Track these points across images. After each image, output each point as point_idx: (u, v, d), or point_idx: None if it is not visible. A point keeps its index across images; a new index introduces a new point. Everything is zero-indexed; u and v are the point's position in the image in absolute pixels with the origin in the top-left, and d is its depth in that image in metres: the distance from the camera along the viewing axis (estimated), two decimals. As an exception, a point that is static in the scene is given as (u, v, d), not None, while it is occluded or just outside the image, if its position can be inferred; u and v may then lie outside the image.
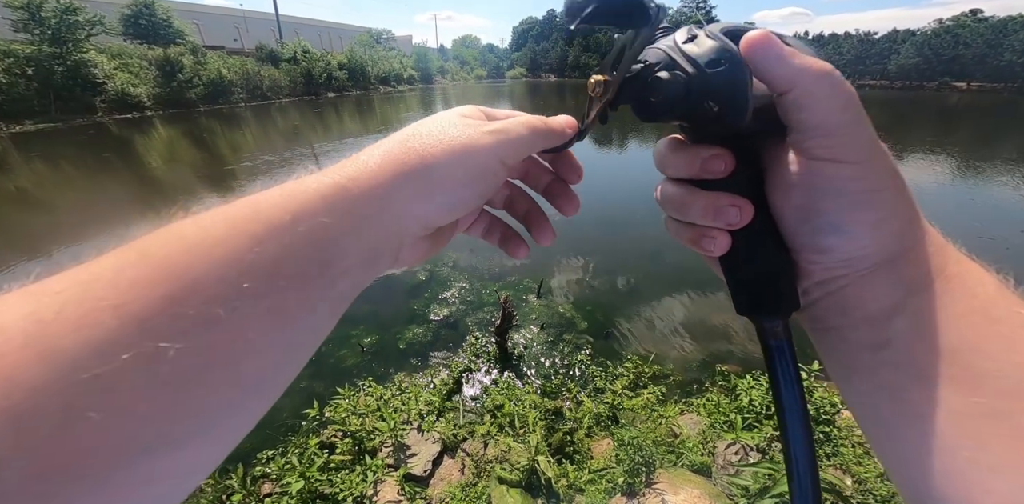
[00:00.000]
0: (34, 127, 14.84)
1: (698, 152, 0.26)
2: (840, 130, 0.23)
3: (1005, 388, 0.20)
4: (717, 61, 0.23)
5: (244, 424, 0.20)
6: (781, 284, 0.26)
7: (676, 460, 2.19)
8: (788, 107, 0.24)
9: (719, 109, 0.24)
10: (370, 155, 0.26)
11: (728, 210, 0.25)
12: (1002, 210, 6.76)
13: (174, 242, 0.19)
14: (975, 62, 42.66)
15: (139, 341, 0.16)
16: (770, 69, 0.23)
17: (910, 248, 0.24)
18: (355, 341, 3.51)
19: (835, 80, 0.23)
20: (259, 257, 0.19)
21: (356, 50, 35.75)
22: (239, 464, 2.27)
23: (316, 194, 0.22)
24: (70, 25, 16.78)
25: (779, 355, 0.26)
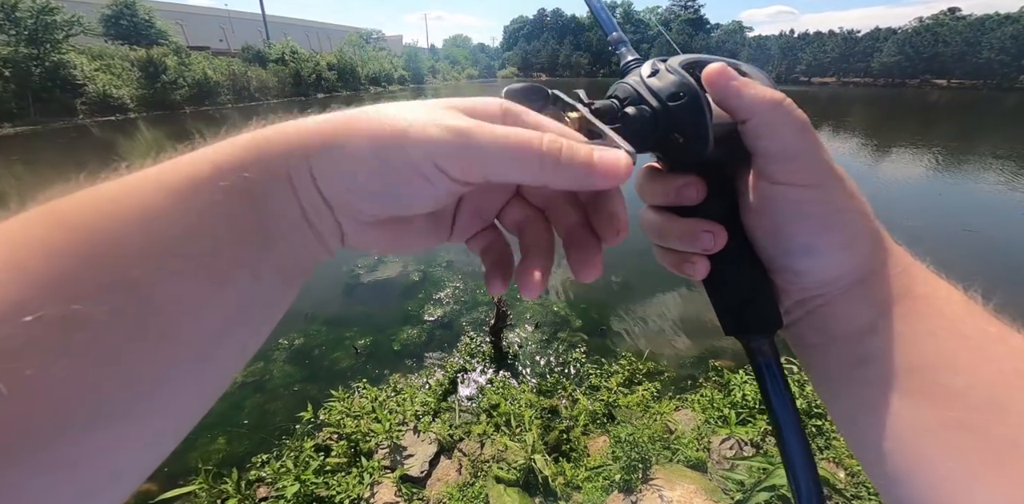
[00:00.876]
0: (12, 130, 14.46)
1: (672, 181, 0.27)
2: (797, 155, 0.24)
3: (976, 402, 0.21)
4: (677, 94, 0.25)
5: (198, 395, 0.19)
6: (762, 305, 0.27)
7: (672, 456, 2.21)
8: (748, 135, 0.25)
9: (684, 140, 0.25)
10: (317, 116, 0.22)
11: (703, 236, 0.26)
12: (983, 203, 6.93)
13: (89, 200, 0.17)
14: (954, 59, 43.66)
15: (46, 303, 0.14)
16: (728, 100, 0.24)
17: (878, 269, 0.25)
18: (349, 343, 3.48)
19: (787, 108, 0.24)
20: (181, 213, 0.18)
21: (345, 50, 35.43)
22: (234, 468, 2.24)
23: (242, 146, 0.20)
24: (47, 25, 16.38)
25: (768, 372, 0.27)
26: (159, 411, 0.17)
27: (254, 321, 0.21)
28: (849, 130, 15.12)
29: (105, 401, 0.15)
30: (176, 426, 0.19)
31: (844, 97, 33.57)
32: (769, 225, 0.26)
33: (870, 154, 11.02)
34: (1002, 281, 4.45)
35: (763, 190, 0.25)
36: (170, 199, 0.18)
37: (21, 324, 0.14)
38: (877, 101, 29.85)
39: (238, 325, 0.20)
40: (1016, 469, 0.19)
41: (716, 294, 0.28)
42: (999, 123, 18.40)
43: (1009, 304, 0.24)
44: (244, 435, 2.62)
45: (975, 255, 5.06)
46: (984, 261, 0.67)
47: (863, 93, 38.78)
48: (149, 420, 0.17)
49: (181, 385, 0.18)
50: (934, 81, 45.95)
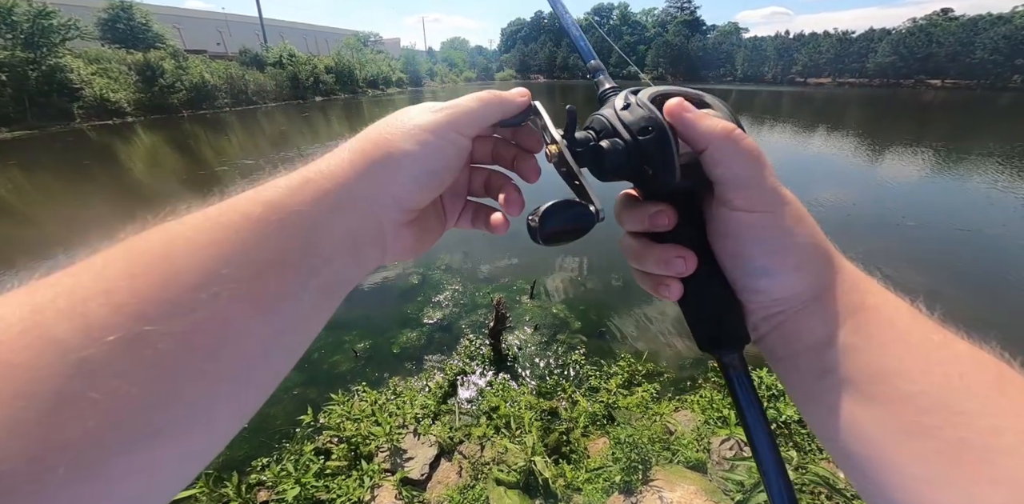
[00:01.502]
0: (10, 135, 14.41)
1: (646, 208, 0.29)
2: (748, 182, 0.27)
3: (927, 406, 0.22)
4: (646, 129, 0.27)
5: (235, 414, 0.21)
6: (731, 322, 0.29)
7: (672, 457, 2.21)
8: (706, 163, 0.27)
9: (653, 171, 0.27)
10: (338, 150, 0.28)
11: (675, 261, 0.28)
12: (978, 204, 6.97)
13: (157, 236, 0.20)
14: (948, 60, 43.93)
15: (124, 324, 0.16)
16: (686, 131, 0.27)
17: (831, 285, 0.27)
18: (348, 346, 3.48)
19: (736, 138, 0.26)
20: (235, 246, 0.21)
21: (343, 53, 35.45)
22: (234, 472, 2.24)
23: (285, 188, 0.24)
24: (44, 29, 16.35)
25: (739, 384, 0.29)
26: (199, 430, 0.19)
27: (291, 343, 0.23)
28: (845, 130, 15.20)
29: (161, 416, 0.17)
30: (212, 444, 0.20)
31: (840, 98, 33.74)
32: (731, 248, 0.28)
33: (866, 154, 11.08)
34: (997, 281, 4.48)
35: (723, 216, 0.28)
36: (226, 234, 0.21)
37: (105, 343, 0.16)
38: (873, 101, 30.01)
39: (279, 348, 0.22)
40: (970, 468, 0.20)
41: (689, 313, 0.30)
42: (993, 122, 18.52)
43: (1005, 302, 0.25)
44: (244, 439, 2.61)
45: (971, 254, 5.09)
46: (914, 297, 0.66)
47: (859, 93, 38.98)
48: (189, 438, 0.18)
49: (220, 405, 0.19)
50: (928, 81, 46.23)
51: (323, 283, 0.24)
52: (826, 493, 1.88)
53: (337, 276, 0.25)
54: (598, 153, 0.28)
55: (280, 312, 0.21)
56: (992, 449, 0.20)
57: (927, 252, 5.14)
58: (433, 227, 0.32)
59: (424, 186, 0.28)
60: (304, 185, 0.25)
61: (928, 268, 4.66)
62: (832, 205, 6.75)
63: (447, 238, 1.63)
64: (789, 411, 2.35)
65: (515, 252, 5.01)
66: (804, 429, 2.32)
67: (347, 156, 0.27)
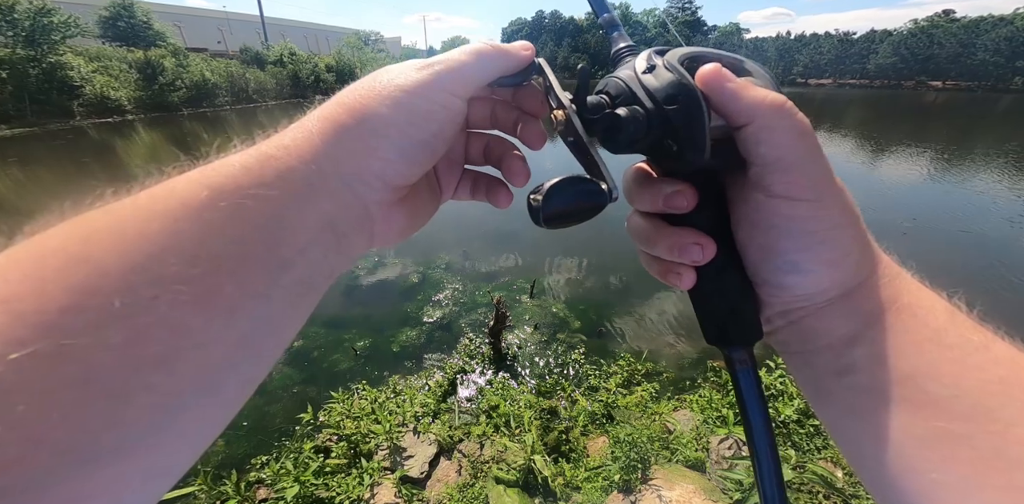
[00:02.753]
0: (10, 132, 14.41)
1: (662, 187, 0.26)
2: (796, 165, 0.23)
3: (960, 412, 0.21)
4: (674, 97, 0.23)
5: (205, 426, 0.18)
6: (744, 317, 0.27)
7: (671, 456, 2.22)
8: (746, 141, 0.23)
9: (678, 147, 0.24)
10: (304, 119, 0.23)
11: (691, 248, 0.25)
12: (978, 204, 6.97)
13: (74, 230, 0.17)
14: (949, 61, 43.93)
15: (34, 339, 0.14)
16: (725, 103, 0.23)
17: (864, 281, 0.25)
18: (348, 345, 3.48)
19: (788, 112, 0.23)
20: (175, 237, 0.17)
21: (344, 52, 35.46)
22: (233, 470, 2.24)
23: (239, 167, 0.20)
24: (44, 27, 16.34)
25: (745, 381, 0.26)
26: (156, 449, 0.16)
27: (263, 348, 0.20)
28: (845, 131, 15.20)
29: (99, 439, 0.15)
30: (176, 461, 0.18)
31: (841, 98, 33.74)
32: (760, 239, 0.25)
33: (866, 155, 11.08)
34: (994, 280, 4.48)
35: (757, 202, 0.24)
36: (163, 225, 0.17)
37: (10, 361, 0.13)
38: (873, 102, 30.00)
39: (245, 355, 0.19)
40: (1002, 478, 0.19)
41: (700, 304, 0.28)
42: (994, 124, 18.52)
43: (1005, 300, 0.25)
44: (243, 437, 2.61)
45: (970, 255, 5.10)
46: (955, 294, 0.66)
47: (860, 94, 38.99)
48: (146, 458, 0.16)
49: (180, 421, 0.17)
50: (929, 83, 46.20)
51: (299, 277, 0.20)
52: (824, 492, 1.89)
53: (315, 268, 0.21)
54: (613, 122, 0.24)
55: (246, 314, 0.18)
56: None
57: (928, 254, 5.15)
58: (427, 202, 0.28)
59: (412, 159, 0.24)
60: (263, 162, 0.20)
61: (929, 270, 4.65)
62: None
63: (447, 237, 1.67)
64: (787, 411, 2.36)
65: (515, 251, 5.01)
66: (802, 429, 2.32)
67: (315, 126, 0.23)
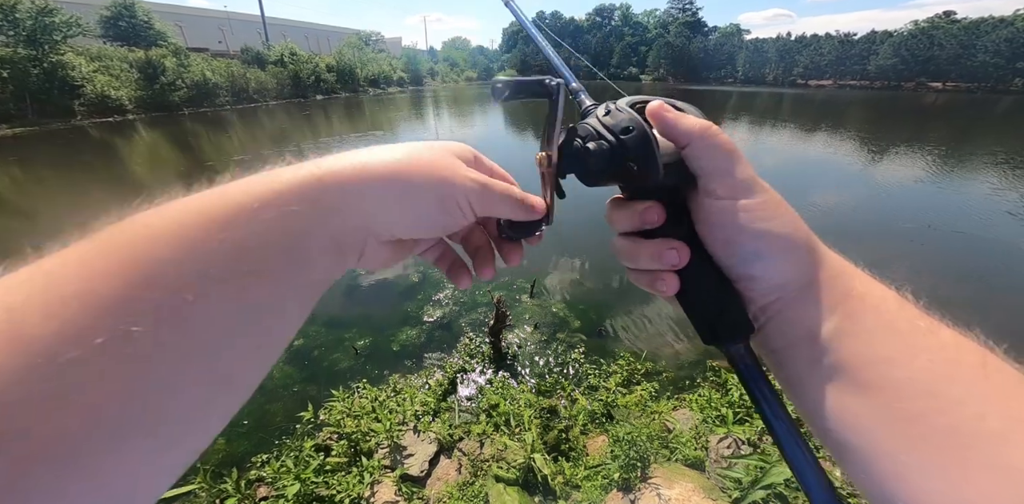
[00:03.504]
0: (11, 131, 14.43)
1: (635, 207, 0.30)
2: (729, 171, 0.28)
3: (915, 392, 0.23)
4: (628, 129, 0.29)
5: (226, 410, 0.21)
6: (732, 312, 0.29)
7: (670, 455, 2.22)
8: (689, 157, 0.29)
9: (637, 167, 0.29)
10: (356, 155, 0.26)
11: (668, 253, 0.29)
12: (972, 206, 6.97)
13: (138, 230, 0.19)
14: (949, 62, 43.95)
15: (109, 325, 0.16)
16: (668, 129, 0.29)
17: (819, 273, 0.28)
18: (348, 344, 3.49)
19: (715, 132, 0.29)
20: (223, 243, 0.19)
21: (345, 52, 35.44)
22: (234, 468, 2.25)
23: (289, 183, 0.23)
24: (46, 27, 16.37)
25: (750, 375, 0.29)
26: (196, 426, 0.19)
27: (278, 339, 0.23)
28: (845, 132, 15.21)
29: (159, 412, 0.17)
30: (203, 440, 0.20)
31: (841, 99, 33.74)
32: (720, 236, 0.29)
33: (865, 156, 11.09)
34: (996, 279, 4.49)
35: (709, 206, 0.29)
36: (214, 228, 0.20)
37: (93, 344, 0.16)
38: (873, 103, 30.01)
39: (265, 344, 0.22)
40: (956, 453, 0.21)
41: (690, 307, 0.31)
42: (993, 126, 18.52)
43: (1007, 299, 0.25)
44: (244, 435, 2.62)
45: (967, 255, 5.10)
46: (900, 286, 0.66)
47: (860, 95, 38.98)
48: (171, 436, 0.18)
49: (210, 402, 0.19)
50: (930, 84, 46.24)
51: (308, 281, 0.24)
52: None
53: (323, 273, 0.25)
54: (585, 155, 0.30)
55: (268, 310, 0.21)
56: (977, 434, 0.21)
57: (927, 254, 5.16)
58: (405, 251, 0.33)
59: (419, 231, 0.29)
60: (309, 184, 0.23)
61: (929, 270, 4.67)
62: (830, 208, 6.76)
63: (450, 233, 1.57)
64: (787, 410, 2.36)
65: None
66: (803, 427, 2.33)
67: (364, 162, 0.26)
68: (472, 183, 0.28)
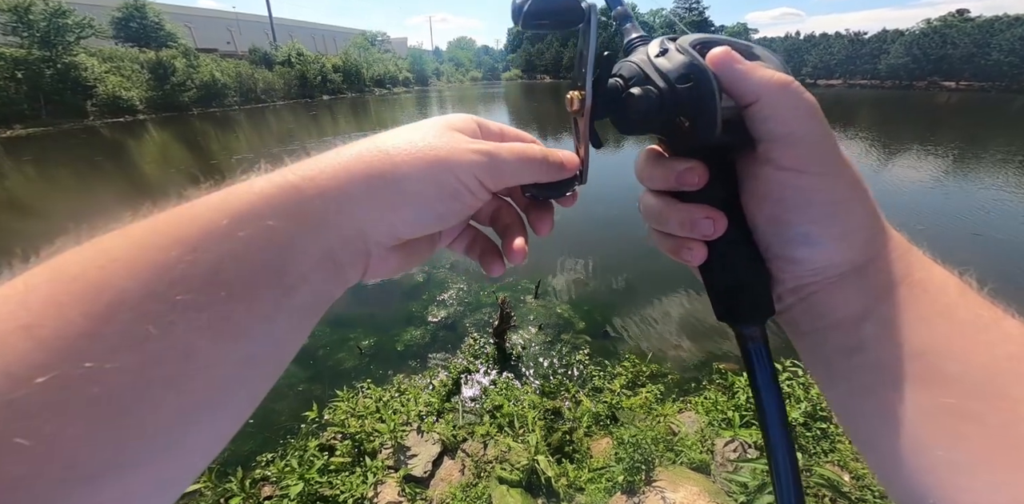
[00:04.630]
0: (24, 131, 14.69)
1: (674, 165, 0.27)
2: (803, 139, 0.24)
3: (970, 389, 0.21)
4: (686, 77, 0.24)
5: (208, 441, 0.19)
6: (756, 292, 0.27)
7: (675, 458, 2.20)
8: (754, 118, 0.24)
9: (690, 124, 0.24)
10: (336, 155, 0.24)
11: (703, 222, 0.26)
12: (991, 208, 6.85)
13: (93, 255, 0.17)
14: (963, 61, 43.24)
15: (57, 363, 0.15)
16: (734, 82, 0.24)
17: (876, 256, 0.25)
18: (353, 344, 3.50)
19: (795, 90, 0.24)
20: (193, 266, 0.18)
21: (351, 52, 35.69)
22: (238, 467, 2.26)
23: (262, 195, 0.21)
24: (59, 28, 16.66)
25: (757, 358, 0.27)
26: (170, 460, 0.17)
27: (268, 366, 0.21)
28: (855, 132, 15.02)
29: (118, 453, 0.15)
30: (186, 471, 0.19)
31: (851, 99, 33.34)
32: (770, 212, 0.25)
33: (877, 156, 10.94)
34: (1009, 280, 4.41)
35: (767, 176, 0.25)
36: (182, 254, 0.18)
37: (37, 385, 0.14)
38: (884, 103, 29.61)
39: (254, 372, 0.20)
40: (1011, 456, 0.19)
41: (711, 280, 0.28)
42: (1008, 125, 18.19)
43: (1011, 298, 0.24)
44: (249, 434, 2.64)
45: (983, 258, 5.01)
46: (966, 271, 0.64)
47: (870, 95, 38.48)
48: (160, 468, 0.17)
49: (192, 434, 0.18)
50: (942, 83, 45.49)
51: (301, 302, 0.21)
52: (831, 496, 1.87)
53: (316, 294, 0.22)
54: (626, 101, 0.25)
55: (251, 337, 0.19)
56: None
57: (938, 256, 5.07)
58: (423, 249, 0.29)
59: (425, 225, 0.25)
60: (287, 192, 0.21)
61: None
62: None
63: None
64: (794, 413, 2.33)
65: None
66: (809, 432, 2.30)
67: (344, 163, 0.23)
68: (476, 156, 0.25)
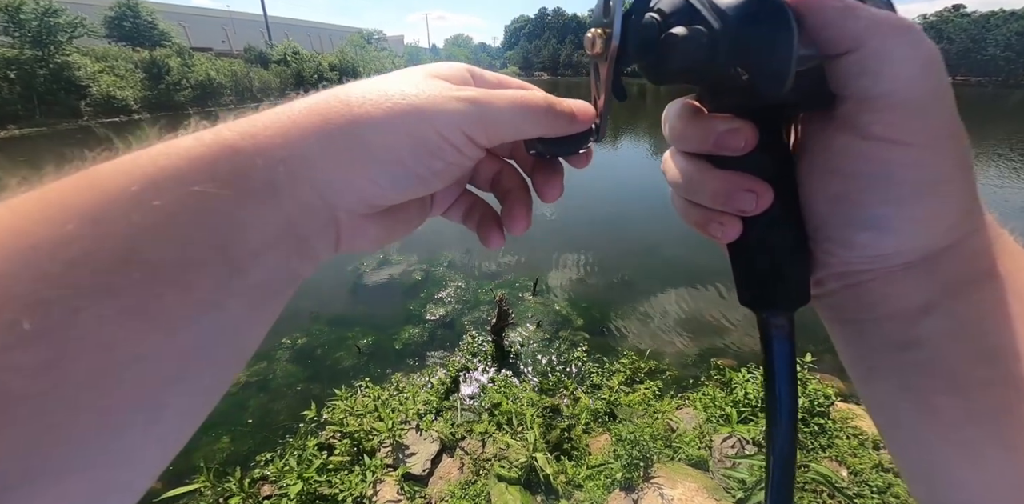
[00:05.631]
0: (19, 132, 14.57)
1: (715, 125, 0.21)
2: (913, 102, 0.18)
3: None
4: (755, 15, 0.18)
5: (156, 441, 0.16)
6: (792, 278, 0.23)
7: (673, 454, 2.21)
8: (848, 71, 0.19)
9: (750, 76, 0.19)
10: (286, 108, 0.19)
11: (742, 196, 0.21)
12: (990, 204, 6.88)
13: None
14: (959, 57, 43.32)
15: None
16: (830, 23, 0.18)
17: (958, 243, 0.20)
18: (351, 342, 3.50)
19: (916, 38, 0.18)
20: (97, 242, 0.14)
21: (347, 51, 35.50)
22: (237, 467, 2.26)
23: (186, 156, 0.17)
24: (51, 27, 16.50)
25: (779, 348, 0.23)
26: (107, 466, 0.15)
27: (220, 357, 0.18)
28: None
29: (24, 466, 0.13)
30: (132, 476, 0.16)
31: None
32: (838, 189, 0.21)
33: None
34: None
35: (844, 146, 0.20)
36: (81, 227, 0.14)
37: None
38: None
39: (198, 367, 0.17)
40: None
41: (741, 261, 0.24)
42: (1004, 120, 18.24)
43: None
44: (248, 434, 2.63)
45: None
46: None
47: (867, 91, 38.46)
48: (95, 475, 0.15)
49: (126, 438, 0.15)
50: (939, 78, 45.61)
51: (255, 282, 0.18)
52: (828, 492, 1.88)
53: (274, 273, 0.18)
54: (666, 44, 0.20)
55: (193, 327, 0.16)
56: None
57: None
58: (412, 216, 0.25)
59: (402, 189, 0.21)
60: (218, 153, 0.17)
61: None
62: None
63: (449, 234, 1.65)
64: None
65: (518, 249, 5.01)
66: (806, 427, 2.31)
67: (300, 116, 0.19)
68: (460, 104, 0.20)
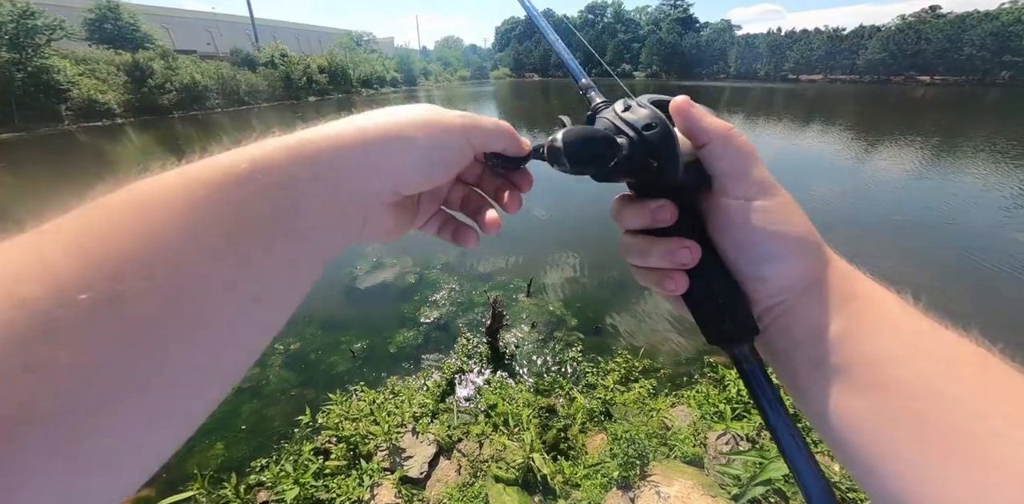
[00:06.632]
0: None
1: (647, 205, 0.30)
2: (748, 172, 0.29)
3: (918, 392, 0.23)
4: (650, 125, 0.29)
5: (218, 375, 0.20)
6: (738, 313, 0.29)
7: (669, 452, 2.23)
8: (708, 157, 0.29)
9: (658, 164, 0.29)
10: (347, 121, 0.27)
11: (680, 252, 0.29)
12: (964, 196, 7.06)
13: (132, 194, 0.19)
14: (937, 56, 44.38)
15: (97, 284, 0.16)
16: (691, 126, 0.30)
17: (823, 274, 0.28)
18: (345, 346, 3.47)
19: (735, 134, 0.29)
20: (218, 204, 0.20)
21: (336, 53, 35.15)
22: (232, 473, 2.23)
23: (279, 145, 0.23)
24: (28, 30, 16.12)
25: (754, 377, 0.29)
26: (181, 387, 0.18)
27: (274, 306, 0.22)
28: (836, 126, 15.31)
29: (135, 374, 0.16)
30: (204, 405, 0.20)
31: (831, 94, 33.97)
32: (734, 236, 0.29)
33: (857, 149, 11.18)
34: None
35: (725, 206, 0.29)
36: (207, 191, 0.20)
37: (77, 301, 0.15)
38: (863, 97, 30.24)
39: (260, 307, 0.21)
40: (962, 453, 0.21)
41: (697, 307, 0.31)
42: (981, 118, 18.73)
43: None
44: (242, 440, 2.60)
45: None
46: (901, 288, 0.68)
47: (850, 90, 39.26)
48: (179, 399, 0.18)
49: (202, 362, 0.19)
50: (918, 77, 46.68)
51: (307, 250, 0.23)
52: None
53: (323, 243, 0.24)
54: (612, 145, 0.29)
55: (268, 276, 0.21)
56: (978, 433, 0.21)
57: (917, 245, 5.21)
58: (407, 219, 0.32)
59: (426, 175, 0.28)
60: (303, 145, 0.24)
61: (920, 261, 4.72)
62: (823, 200, 6.81)
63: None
64: (784, 405, 2.38)
65: (512, 250, 5.02)
66: (799, 423, 2.34)
67: (361, 124, 0.26)
68: (461, 119, 0.29)
